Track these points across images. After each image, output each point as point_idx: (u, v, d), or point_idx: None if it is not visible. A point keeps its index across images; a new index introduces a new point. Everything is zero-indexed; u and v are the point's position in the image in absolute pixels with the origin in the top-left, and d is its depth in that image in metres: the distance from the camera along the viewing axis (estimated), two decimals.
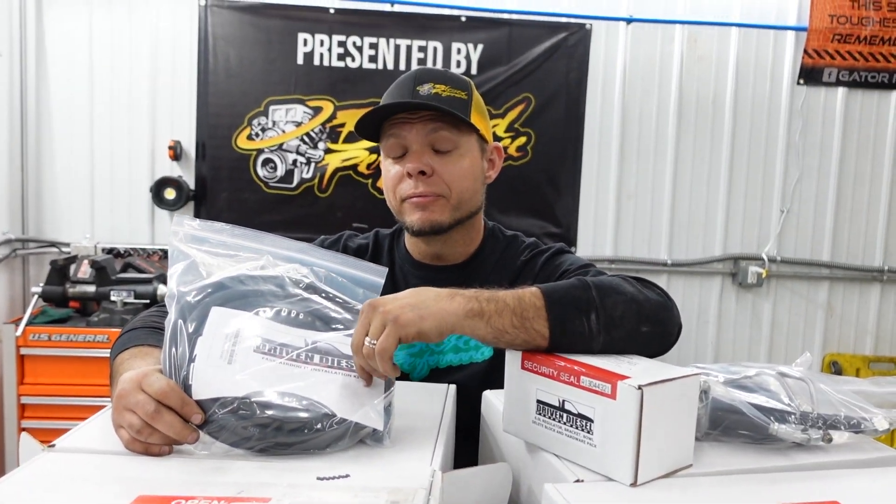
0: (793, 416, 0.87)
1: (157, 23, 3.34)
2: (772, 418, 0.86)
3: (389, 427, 0.86)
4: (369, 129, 1.28)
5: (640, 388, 0.75)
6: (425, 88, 1.21)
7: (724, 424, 0.88)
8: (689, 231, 3.65)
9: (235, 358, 0.82)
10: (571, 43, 3.48)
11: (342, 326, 0.88)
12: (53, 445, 0.81)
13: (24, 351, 2.75)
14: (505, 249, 1.36)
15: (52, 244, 3.36)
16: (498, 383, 1.07)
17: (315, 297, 0.89)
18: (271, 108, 3.38)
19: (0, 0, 3.12)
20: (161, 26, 3.34)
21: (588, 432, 0.80)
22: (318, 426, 0.81)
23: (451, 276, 1.33)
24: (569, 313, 0.90)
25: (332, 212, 3.46)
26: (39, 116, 3.34)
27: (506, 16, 3.47)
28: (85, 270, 2.94)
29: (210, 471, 0.77)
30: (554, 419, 0.84)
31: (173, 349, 0.82)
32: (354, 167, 3.43)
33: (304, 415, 0.81)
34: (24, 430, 2.78)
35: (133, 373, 0.84)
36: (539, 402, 0.86)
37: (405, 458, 0.82)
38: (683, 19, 3.52)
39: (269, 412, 0.79)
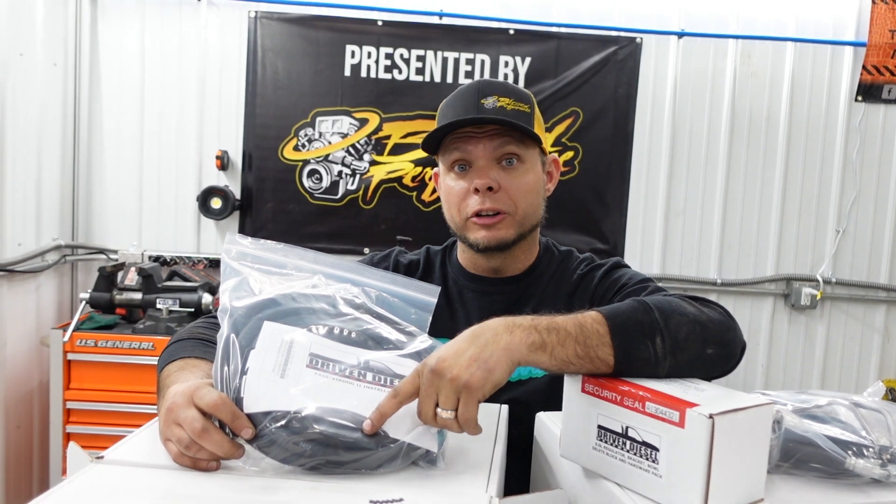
0: (870, 450, 0.82)
1: (206, 34, 3.38)
2: (849, 452, 0.81)
3: (443, 449, 0.83)
4: (432, 142, 1.26)
5: (710, 416, 0.70)
6: (490, 101, 1.20)
7: (797, 457, 0.83)
8: (739, 250, 3.56)
9: (288, 372, 0.80)
10: (621, 57, 3.43)
11: (394, 347, 0.86)
12: (102, 457, 0.80)
13: (70, 356, 2.78)
14: (560, 263, 1.34)
15: (101, 251, 3.41)
16: (559, 399, 1.03)
17: (366, 318, 0.87)
18: (318, 119, 3.39)
19: (56, 12, 3.18)
20: (211, 38, 3.39)
21: (653, 461, 0.76)
22: (371, 445, 0.78)
23: (507, 288, 1.31)
24: (633, 338, 0.86)
25: (376, 224, 3.45)
26: (91, 125, 3.40)
27: (554, 29, 3.43)
28: (132, 278, 2.97)
29: (260, 489, 0.75)
30: (616, 446, 0.80)
31: (226, 364, 0.80)
32: (399, 179, 3.42)
33: (356, 433, 0.78)
34: (69, 434, 2.81)
35: (184, 385, 0.83)
36: (600, 427, 0.82)
37: (460, 483, 0.79)
38: (737, 34, 3.45)
39: (321, 427, 0.77)
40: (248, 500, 0.72)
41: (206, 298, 2.89)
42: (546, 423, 1.01)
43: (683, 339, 0.89)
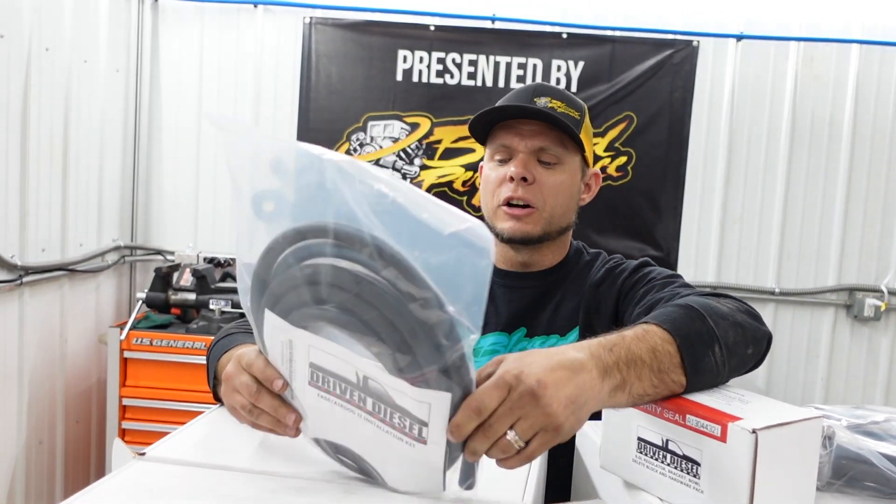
0: None
1: (262, 40, 3.44)
2: None
3: (472, 482, 0.74)
4: (480, 130, 1.31)
5: (754, 431, 0.68)
6: (542, 101, 1.24)
7: (850, 475, 0.79)
8: (799, 259, 3.45)
9: (296, 390, 0.77)
10: (677, 60, 3.37)
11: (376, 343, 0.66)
12: (144, 454, 0.81)
13: (127, 354, 2.86)
14: (588, 262, 1.36)
15: (158, 252, 3.49)
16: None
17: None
18: (370, 123, 3.42)
19: (119, 19, 3.28)
20: (266, 44, 3.44)
21: (694, 476, 0.73)
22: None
23: (533, 283, 1.34)
24: (699, 352, 0.83)
25: None
26: (150, 130, 3.49)
27: (608, 32, 3.39)
28: (187, 278, 3.04)
29: (295, 492, 0.75)
30: (656, 459, 0.78)
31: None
32: (450, 184, 3.42)
33: (364, 475, 0.78)
34: (124, 430, 2.88)
35: (234, 353, 0.87)
36: (640, 439, 0.80)
37: (495, 490, 0.77)
38: (799, 36, 3.35)
39: (346, 458, 0.78)
40: (283, 502, 0.72)
41: None
42: (587, 434, 0.99)
43: (733, 343, 0.87)
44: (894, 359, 3.47)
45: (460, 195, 3.43)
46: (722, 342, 0.86)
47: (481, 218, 1.32)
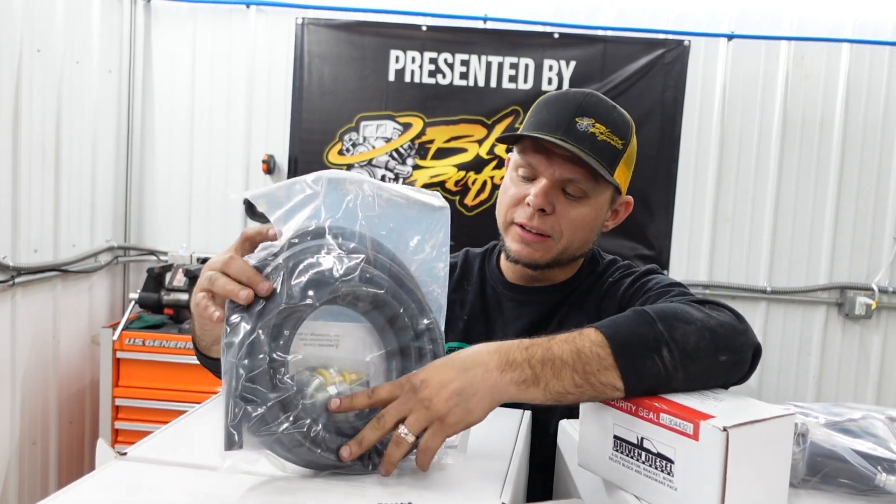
0: None
1: (255, 41, 3.44)
2: (879, 468, 0.79)
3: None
4: (509, 137, 1.22)
5: (725, 429, 0.69)
6: (584, 124, 1.13)
7: (824, 472, 0.80)
8: (791, 257, 3.46)
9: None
10: (668, 60, 3.38)
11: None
12: (126, 454, 0.82)
13: (119, 354, 2.86)
14: (602, 273, 1.30)
15: (152, 252, 3.50)
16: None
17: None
18: (362, 123, 3.43)
19: (111, 20, 3.28)
20: (259, 44, 3.45)
21: (668, 474, 0.74)
22: None
23: (543, 297, 1.28)
24: (639, 355, 0.82)
25: None
26: (143, 131, 3.49)
27: (600, 32, 3.40)
28: (179, 279, 3.04)
29: (275, 491, 0.76)
30: (632, 457, 0.78)
31: None
32: (442, 184, 3.43)
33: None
34: (117, 431, 2.89)
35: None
36: (616, 437, 0.81)
37: (473, 489, 0.78)
38: (789, 35, 3.36)
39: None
40: (264, 501, 0.73)
41: None
42: (568, 432, 1.00)
43: (693, 348, 0.84)
44: (885, 357, 3.48)
45: (452, 195, 3.43)
46: (673, 346, 0.83)
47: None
